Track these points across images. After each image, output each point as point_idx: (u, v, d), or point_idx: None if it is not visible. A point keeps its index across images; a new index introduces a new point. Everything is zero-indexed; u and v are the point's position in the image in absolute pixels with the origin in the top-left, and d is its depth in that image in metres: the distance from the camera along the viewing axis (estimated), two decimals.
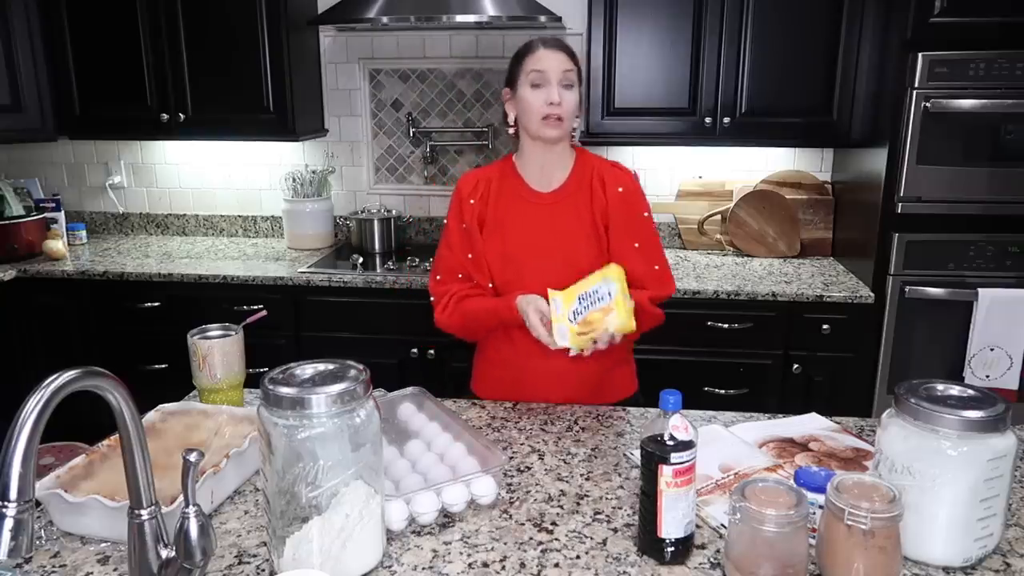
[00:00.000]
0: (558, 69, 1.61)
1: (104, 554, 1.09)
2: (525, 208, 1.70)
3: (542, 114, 1.61)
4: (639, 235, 1.69)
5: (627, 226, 1.68)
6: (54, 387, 0.79)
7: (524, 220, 1.70)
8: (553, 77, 1.60)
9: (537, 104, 1.61)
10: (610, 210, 1.67)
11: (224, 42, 2.88)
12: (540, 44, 1.64)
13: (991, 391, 1.06)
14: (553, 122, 1.61)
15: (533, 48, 1.65)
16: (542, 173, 1.71)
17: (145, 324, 2.86)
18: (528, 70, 1.63)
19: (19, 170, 3.41)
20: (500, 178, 1.73)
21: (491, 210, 1.72)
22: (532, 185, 1.71)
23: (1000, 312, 2.42)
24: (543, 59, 1.61)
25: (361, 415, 0.99)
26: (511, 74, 1.68)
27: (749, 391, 2.62)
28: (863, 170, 2.74)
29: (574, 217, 1.68)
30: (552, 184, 1.71)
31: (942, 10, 2.35)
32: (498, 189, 1.73)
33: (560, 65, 1.61)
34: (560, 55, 1.62)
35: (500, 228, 1.71)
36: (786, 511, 0.95)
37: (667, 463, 1.02)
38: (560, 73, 1.61)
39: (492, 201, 1.72)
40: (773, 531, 0.94)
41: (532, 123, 1.63)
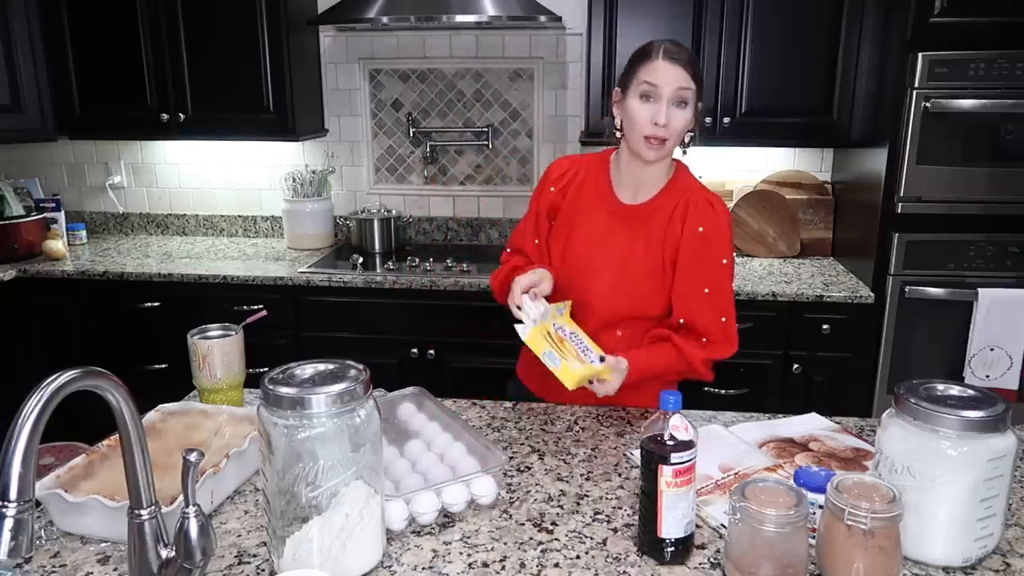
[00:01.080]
0: (673, 85, 1.46)
1: (104, 554, 1.09)
2: (601, 213, 1.61)
3: (645, 132, 1.49)
4: (711, 282, 1.54)
5: (698, 269, 1.54)
6: (54, 387, 0.79)
7: (595, 224, 1.61)
8: (665, 93, 1.46)
9: (642, 120, 1.49)
10: (682, 247, 1.54)
11: (224, 42, 2.88)
12: (660, 52, 1.47)
13: (991, 391, 1.07)
14: (655, 143, 1.49)
15: (652, 55, 1.48)
16: (632, 183, 1.60)
17: (145, 324, 2.86)
18: (641, 80, 1.48)
19: (19, 170, 3.41)
20: (591, 172, 1.65)
21: (568, 202, 1.64)
22: (617, 192, 1.62)
23: (1000, 312, 2.42)
24: (658, 71, 1.46)
25: (361, 415, 0.99)
26: (625, 75, 1.54)
27: (749, 391, 2.62)
28: (863, 170, 2.74)
29: (644, 239, 1.57)
30: (638, 198, 1.60)
31: (942, 10, 2.35)
32: (583, 183, 1.64)
33: (676, 81, 1.46)
34: (678, 70, 1.46)
35: (570, 224, 1.63)
36: (786, 511, 0.95)
37: (667, 463, 1.02)
38: (674, 91, 1.46)
39: (573, 194, 1.64)
40: (773, 531, 0.94)
41: (633, 138, 1.52)
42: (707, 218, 1.55)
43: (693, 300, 1.55)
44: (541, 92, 3.14)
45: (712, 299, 1.55)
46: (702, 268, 1.54)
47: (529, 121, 3.18)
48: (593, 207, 1.62)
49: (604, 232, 1.60)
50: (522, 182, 3.24)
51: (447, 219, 3.31)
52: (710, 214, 1.55)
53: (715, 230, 1.55)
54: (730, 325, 1.58)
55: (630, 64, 1.54)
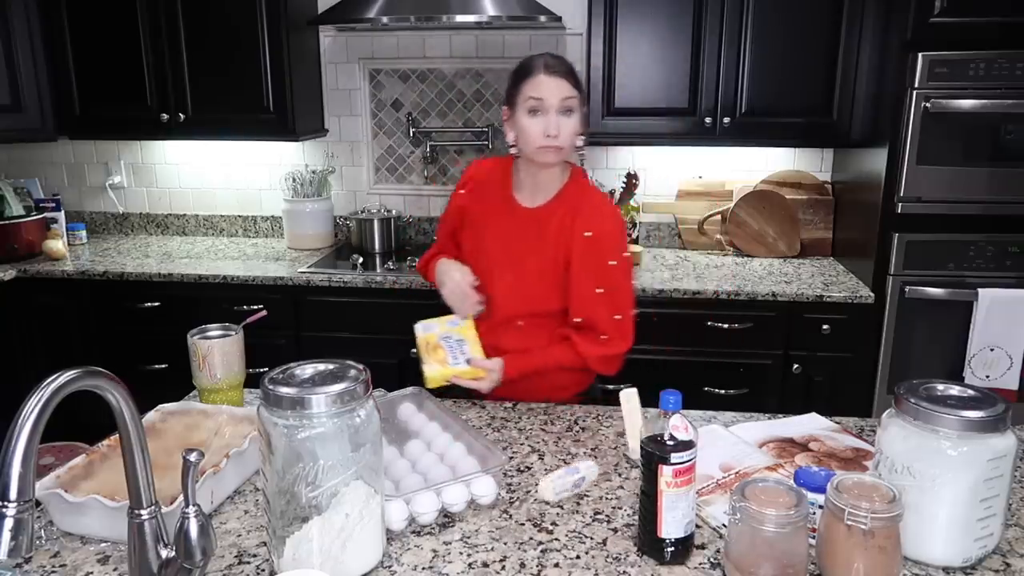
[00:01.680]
0: (557, 96, 1.55)
1: (104, 554, 1.09)
2: (504, 215, 1.71)
3: (539, 144, 1.57)
4: (602, 282, 1.62)
5: (589, 271, 1.62)
6: (54, 387, 0.79)
7: (499, 226, 1.71)
8: (552, 105, 1.55)
9: (535, 134, 1.56)
10: (573, 250, 1.63)
11: (224, 42, 2.88)
12: (541, 68, 1.57)
13: (991, 391, 1.07)
14: (551, 151, 1.57)
15: (532, 72, 1.58)
16: (530, 187, 1.69)
17: (145, 324, 2.86)
18: (527, 96, 1.57)
19: (19, 170, 3.41)
20: (496, 176, 1.75)
21: (476, 205, 1.75)
22: (518, 196, 1.71)
23: (1000, 312, 2.42)
24: (542, 86, 1.55)
25: (361, 415, 0.99)
26: (509, 95, 1.63)
27: (749, 391, 2.62)
28: (863, 170, 2.74)
29: (539, 241, 1.66)
30: (535, 201, 1.69)
31: (942, 10, 2.35)
32: (489, 187, 1.74)
33: (560, 92, 1.55)
34: (560, 82, 1.55)
35: (477, 225, 1.74)
36: (786, 511, 0.95)
37: (667, 463, 1.02)
38: (559, 101, 1.55)
39: (480, 197, 1.75)
40: (773, 531, 0.94)
41: (528, 150, 1.60)
42: (594, 222, 1.63)
43: (587, 300, 1.63)
44: None
45: (605, 299, 1.63)
46: (593, 270, 1.62)
47: None
48: (498, 210, 1.72)
49: (506, 234, 1.70)
50: None
51: None
52: (597, 218, 1.63)
53: (602, 233, 1.63)
54: (625, 322, 1.65)
55: (513, 82, 1.63)
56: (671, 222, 3.19)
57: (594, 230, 1.62)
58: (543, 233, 1.66)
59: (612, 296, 1.63)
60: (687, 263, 2.93)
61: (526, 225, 1.68)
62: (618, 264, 1.63)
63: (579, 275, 1.63)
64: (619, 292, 1.65)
